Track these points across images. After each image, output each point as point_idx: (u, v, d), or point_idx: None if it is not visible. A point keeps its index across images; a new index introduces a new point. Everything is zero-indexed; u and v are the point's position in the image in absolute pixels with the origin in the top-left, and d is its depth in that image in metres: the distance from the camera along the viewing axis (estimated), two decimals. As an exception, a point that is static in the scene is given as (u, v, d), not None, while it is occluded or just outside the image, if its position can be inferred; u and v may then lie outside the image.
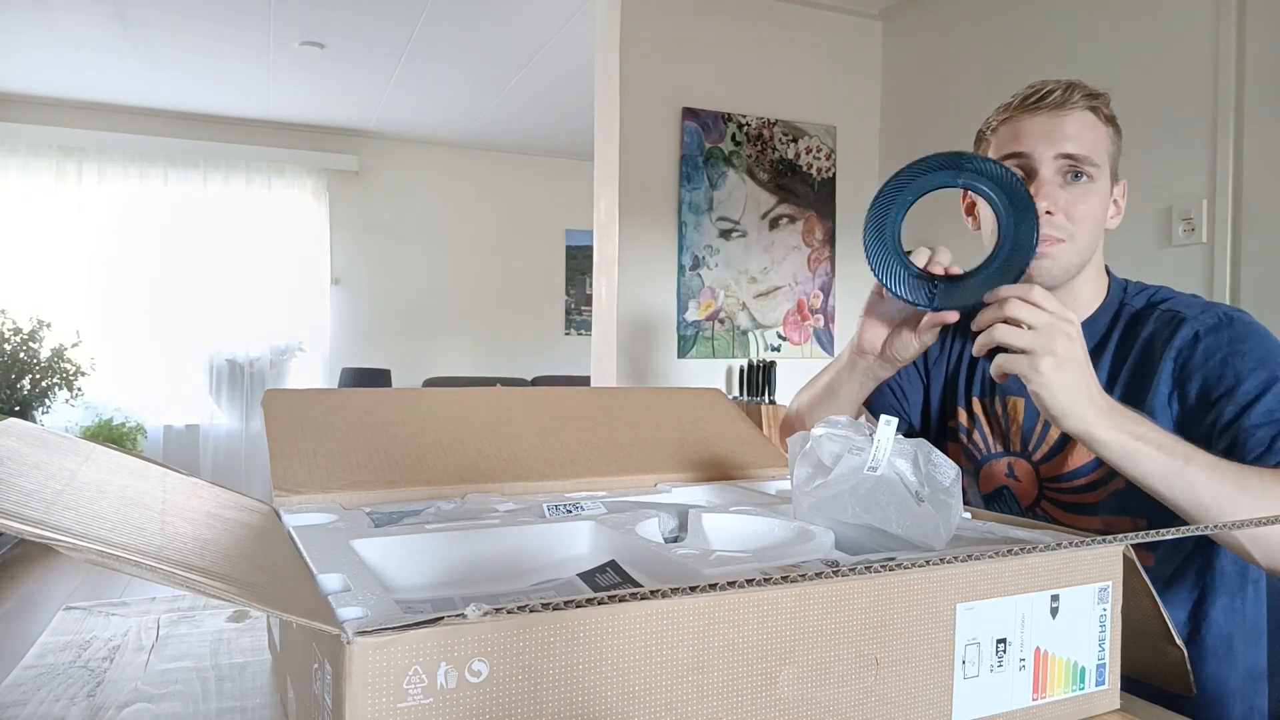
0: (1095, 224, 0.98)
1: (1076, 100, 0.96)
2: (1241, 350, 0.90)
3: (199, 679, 0.74)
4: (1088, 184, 0.97)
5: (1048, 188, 0.96)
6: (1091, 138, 0.96)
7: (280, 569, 0.52)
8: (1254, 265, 2.23)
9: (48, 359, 4.69)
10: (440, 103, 5.20)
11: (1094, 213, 0.97)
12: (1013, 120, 1.00)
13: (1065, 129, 0.96)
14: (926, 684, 0.56)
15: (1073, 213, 0.96)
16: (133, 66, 4.58)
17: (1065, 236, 0.97)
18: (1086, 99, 0.97)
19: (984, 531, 0.73)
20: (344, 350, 5.97)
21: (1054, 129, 0.96)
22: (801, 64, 3.42)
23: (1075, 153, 0.96)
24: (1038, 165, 0.97)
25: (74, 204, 5.31)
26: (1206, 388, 0.90)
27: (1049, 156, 0.97)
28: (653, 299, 3.19)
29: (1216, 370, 0.90)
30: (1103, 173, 0.98)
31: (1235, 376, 0.88)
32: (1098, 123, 0.98)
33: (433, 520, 0.74)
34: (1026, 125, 0.98)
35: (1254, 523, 0.55)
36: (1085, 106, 0.97)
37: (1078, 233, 0.97)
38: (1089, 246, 0.99)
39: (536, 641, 0.44)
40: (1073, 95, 0.97)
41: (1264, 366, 0.88)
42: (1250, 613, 0.96)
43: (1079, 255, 0.98)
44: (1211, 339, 0.92)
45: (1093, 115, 0.97)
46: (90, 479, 0.54)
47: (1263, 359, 0.88)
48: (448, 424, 0.95)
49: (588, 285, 6.56)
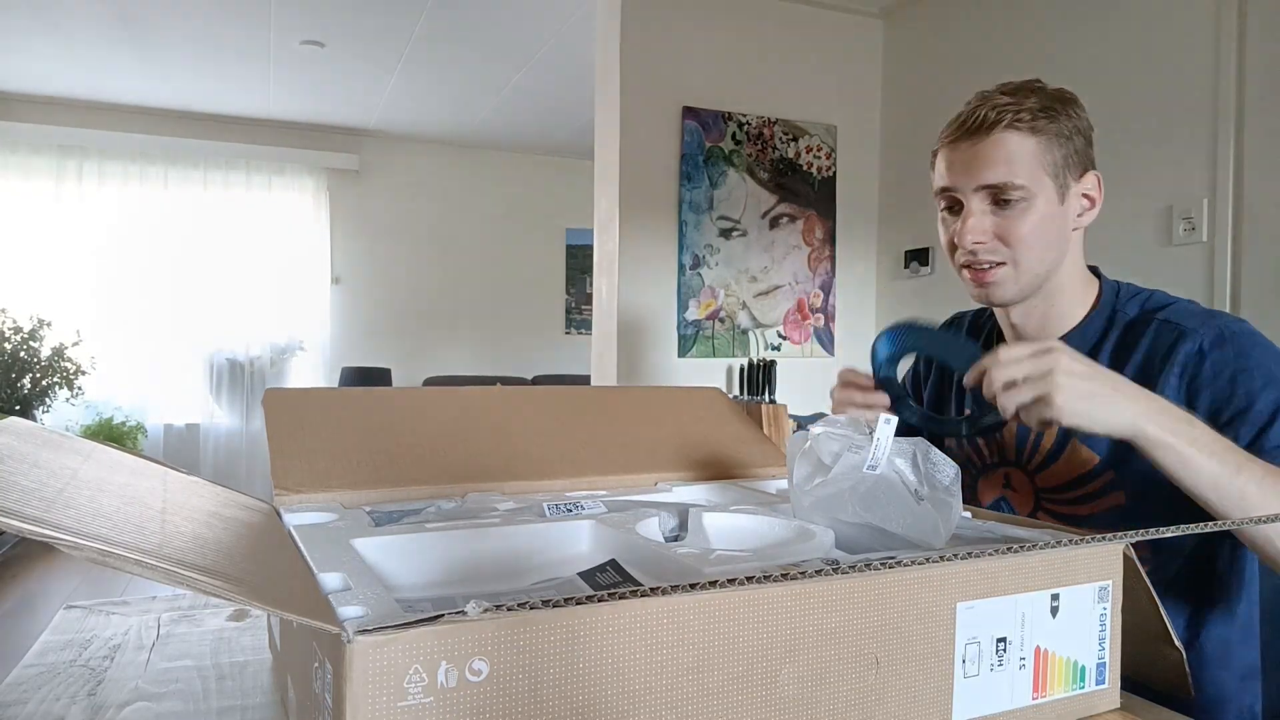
0: (1042, 238, 0.96)
1: (997, 122, 0.94)
2: (1248, 367, 0.89)
3: (199, 678, 0.74)
4: (1021, 205, 0.95)
5: (973, 220, 0.96)
6: (1014, 159, 0.94)
7: (280, 568, 0.52)
8: (1254, 265, 2.22)
9: (48, 358, 4.69)
10: (440, 101, 5.19)
11: (1035, 229, 0.96)
12: (943, 150, 1.00)
13: (983, 158, 0.95)
14: (926, 683, 0.56)
15: (1008, 236, 0.96)
16: (133, 66, 4.58)
17: (1004, 259, 0.97)
18: (1012, 116, 0.94)
19: (984, 530, 0.73)
20: (344, 349, 5.97)
21: (972, 160, 0.96)
22: (802, 63, 3.42)
23: (994, 182, 0.95)
24: (963, 199, 0.98)
25: (74, 203, 5.31)
26: (1216, 407, 0.89)
27: (970, 190, 0.97)
28: (653, 298, 3.19)
29: (1226, 389, 0.89)
30: (1040, 185, 0.95)
31: (1247, 396, 0.88)
32: (1023, 138, 0.94)
33: (433, 519, 0.74)
34: (951, 157, 0.99)
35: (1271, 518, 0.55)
36: (1007, 126, 0.94)
37: (1020, 253, 0.96)
38: (1042, 259, 0.97)
39: (537, 640, 0.44)
40: (991, 118, 0.95)
41: (1274, 384, 0.88)
42: (1244, 613, 0.96)
43: (1030, 272, 0.98)
44: (1217, 354, 0.91)
45: (1015, 134, 0.94)
46: (91, 477, 0.54)
47: (1271, 376, 0.88)
48: (448, 423, 0.95)
49: (588, 284, 6.56)
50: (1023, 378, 0.79)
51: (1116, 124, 2.55)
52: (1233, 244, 2.26)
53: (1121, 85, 2.54)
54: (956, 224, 0.98)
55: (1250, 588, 0.96)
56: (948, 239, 1.01)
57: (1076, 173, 0.97)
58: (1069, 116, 0.96)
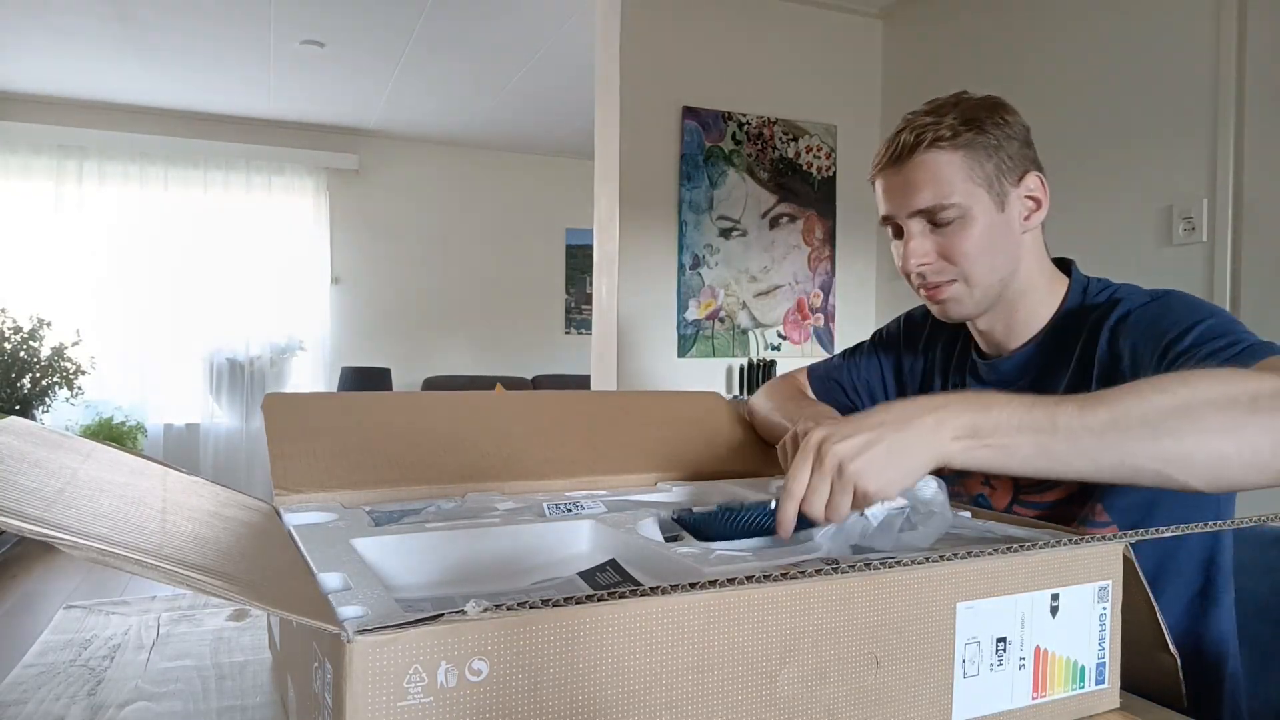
0: (988, 250, 0.95)
1: (918, 144, 0.94)
2: (1171, 308, 0.89)
3: (199, 678, 0.74)
4: (957, 223, 0.94)
5: (914, 244, 0.96)
6: (941, 179, 0.93)
7: (280, 568, 0.52)
8: (1254, 264, 2.22)
9: (48, 358, 4.69)
10: (440, 101, 5.19)
11: (978, 243, 0.95)
12: (877, 179, 1.00)
13: (911, 183, 0.95)
14: (926, 682, 0.56)
15: (951, 254, 0.96)
16: (133, 65, 4.58)
17: (954, 276, 0.97)
18: (933, 135, 0.93)
19: (984, 530, 0.73)
20: (344, 349, 5.97)
21: (901, 187, 0.96)
22: (802, 63, 3.42)
23: (925, 206, 0.95)
24: (902, 224, 0.98)
25: (74, 203, 5.31)
26: (1136, 352, 0.88)
27: (905, 215, 0.97)
28: (653, 298, 3.19)
29: (1147, 332, 0.88)
30: (974, 199, 0.94)
31: (1162, 331, 0.86)
32: (947, 159, 0.93)
33: (433, 519, 0.74)
34: (884, 185, 0.99)
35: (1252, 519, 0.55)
36: (929, 147, 0.93)
37: (967, 268, 0.96)
38: (993, 270, 0.97)
39: (536, 640, 0.44)
40: (911, 140, 0.94)
41: (1191, 314, 0.86)
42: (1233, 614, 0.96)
43: (983, 284, 0.97)
44: (1141, 310, 0.91)
45: (938, 152, 0.93)
46: (91, 477, 0.54)
47: (1191, 309, 0.87)
48: (448, 423, 0.95)
49: (588, 284, 6.56)
50: (812, 488, 0.67)
51: (1116, 124, 2.55)
52: (1233, 244, 2.26)
53: (1121, 85, 2.54)
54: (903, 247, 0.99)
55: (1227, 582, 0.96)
56: (898, 261, 1.01)
57: (1014, 178, 0.96)
58: (996, 124, 0.94)
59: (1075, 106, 2.65)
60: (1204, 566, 0.95)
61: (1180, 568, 0.95)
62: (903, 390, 1.19)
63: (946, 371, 1.12)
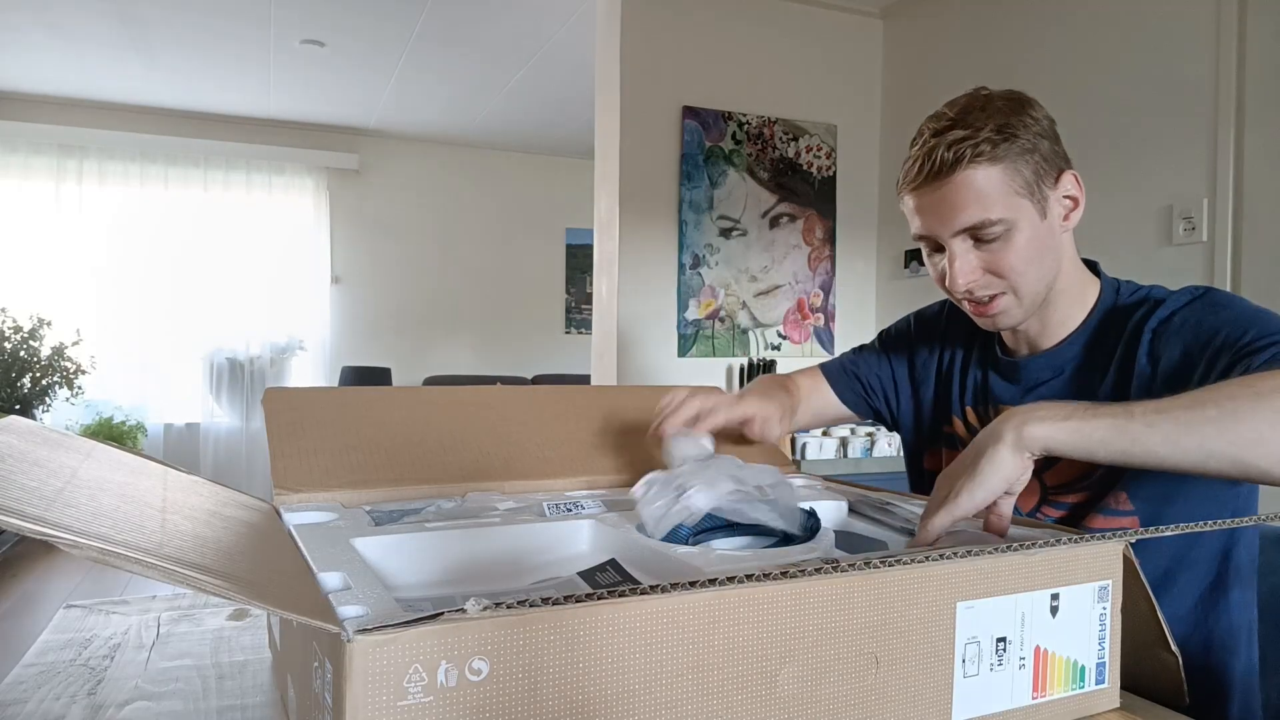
0: (1035, 259, 0.94)
1: (957, 161, 0.90)
2: (1217, 308, 0.89)
3: (199, 677, 0.74)
4: (1002, 236, 0.92)
5: (959, 263, 0.94)
6: (984, 196, 0.90)
7: (280, 567, 0.52)
8: (1254, 264, 2.22)
9: (48, 357, 4.69)
10: (441, 101, 5.19)
11: (1024, 254, 0.93)
12: (909, 196, 0.96)
13: (952, 202, 0.91)
14: (926, 682, 0.56)
15: (999, 269, 0.94)
16: (133, 65, 4.57)
17: (1003, 289, 0.95)
18: (971, 151, 0.89)
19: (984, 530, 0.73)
20: (344, 348, 5.97)
21: (941, 206, 0.92)
22: (802, 63, 3.42)
23: (970, 225, 0.92)
24: (945, 244, 0.95)
25: (74, 203, 5.31)
26: (1187, 351, 0.88)
27: (948, 235, 0.94)
28: (653, 298, 3.19)
29: (1192, 333, 0.88)
30: (1018, 210, 0.92)
31: (1212, 330, 0.87)
32: (986, 174, 0.90)
33: (433, 519, 0.74)
34: (920, 203, 0.95)
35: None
36: (968, 164, 0.89)
37: (1016, 280, 0.94)
38: (1041, 278, 0.96)
39: (536, 639, 0.44)
40: (950, 158, 0.90)
41: (1239, 314, 0.87)
42: (1251, 608, 0.96)
43: (1031, 293, 0.96)
44: (1186, 311, 0.91)
45: (978, 169, 0.90)
46: (91, 476, 0.54)
47: (1240, 314, 0.87)
48: (448, 423, 0.95)
49: (588, 284, 6.56)
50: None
51: (1116, 124, 2.55)
52: (1233, 244, 2.26)
53: (1121, 85, 2.54)
54: (943, 261, 0.96)
55: (1245, 576, 0.96)
56: (938, 277, 0.99)
57: (1051, 180, 0.94)
58: (1026, 125, 0.91)
59: (1075, 106, 2.65)
60: (1218, 560, 0.94)
61: (1195, 560, 0.94)
62: (916, 387, 1.19)
63: (967, 367, 1.12)
